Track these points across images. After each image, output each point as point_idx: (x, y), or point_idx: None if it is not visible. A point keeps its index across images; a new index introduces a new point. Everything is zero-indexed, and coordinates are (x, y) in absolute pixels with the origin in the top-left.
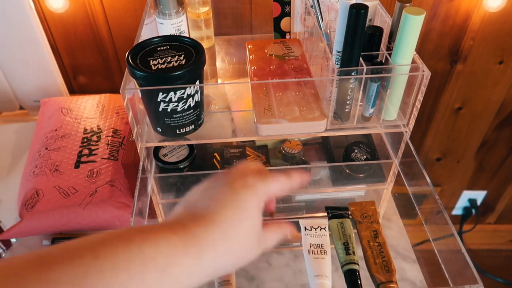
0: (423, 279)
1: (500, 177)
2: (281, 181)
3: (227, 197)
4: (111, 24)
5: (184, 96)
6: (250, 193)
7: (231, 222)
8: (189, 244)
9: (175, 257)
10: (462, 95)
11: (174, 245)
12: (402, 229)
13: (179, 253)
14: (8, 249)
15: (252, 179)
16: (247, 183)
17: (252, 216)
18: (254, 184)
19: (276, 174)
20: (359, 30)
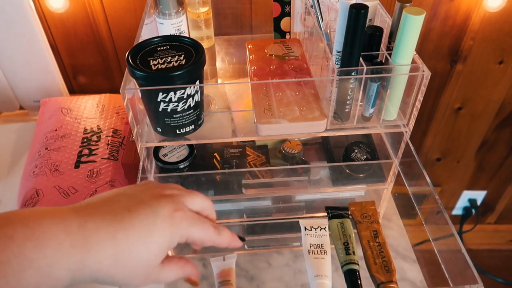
0: (423, 279)
1: (500, 177)
2: (208, 231)
3: (144, 219)
4: (111, 24)
5: (184, 96)
6: (167, 229)
7: (129, 242)
8: (76, 245)
9: (58, 260)
10: (462, 95)
11: (60, 245)
12: (402, 229)
13: (64, 255)
14: None
15: (181, 213)
16: (174, 214)
17: (154, 251)
18: (179, 220)
19: (206, 222)
20: (359, 30)
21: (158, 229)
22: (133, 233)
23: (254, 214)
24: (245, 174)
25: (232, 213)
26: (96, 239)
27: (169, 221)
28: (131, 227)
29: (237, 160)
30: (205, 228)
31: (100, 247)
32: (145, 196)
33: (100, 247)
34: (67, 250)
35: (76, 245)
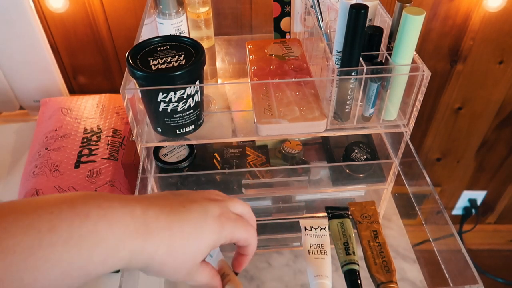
0: (423, 279)
1: (500, 177)
2: (250, 231)
3: (196, 216)
4: (111, 24)
5: (184, 96)
6: (215, 228)
7: (183, 235)
8: (139, 229)
9: (124, 240)
10: (462, 95)
11: (126, 228)
12: (402, 229)
13: (129, 237)
14: None
15: (226, 215)
16: (222, 215)
17: (201, 249)
18: (226, 220)
19: (248, 223)
20: (359, 30)
21: (208, 226)
22: (187, 226)
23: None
24: (245, 174)
25: None
26: (155, 227)
27: (217, 220)
28: (185, 220)
29: (237, 160)
30: (248, 228)
31: (158, 234)
32: (197, 197)
33: (158, 234)
34: (131, 233)
35: (139, 230)
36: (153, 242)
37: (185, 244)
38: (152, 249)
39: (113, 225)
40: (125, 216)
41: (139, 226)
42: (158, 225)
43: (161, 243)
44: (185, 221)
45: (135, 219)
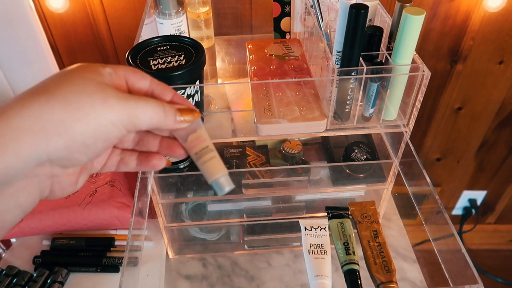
0: (423, 279)
1: (500, 177)
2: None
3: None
4: (111, 24)
5: (184, 96)
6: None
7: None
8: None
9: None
10: (462, 95)
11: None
12: (402, 229)
13: None
14: (8, 249)
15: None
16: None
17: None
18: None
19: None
20: (359, 30)
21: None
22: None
23: (254, 214)
24: (245, 174)
25: (232, 213)
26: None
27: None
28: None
29: (237, 160)
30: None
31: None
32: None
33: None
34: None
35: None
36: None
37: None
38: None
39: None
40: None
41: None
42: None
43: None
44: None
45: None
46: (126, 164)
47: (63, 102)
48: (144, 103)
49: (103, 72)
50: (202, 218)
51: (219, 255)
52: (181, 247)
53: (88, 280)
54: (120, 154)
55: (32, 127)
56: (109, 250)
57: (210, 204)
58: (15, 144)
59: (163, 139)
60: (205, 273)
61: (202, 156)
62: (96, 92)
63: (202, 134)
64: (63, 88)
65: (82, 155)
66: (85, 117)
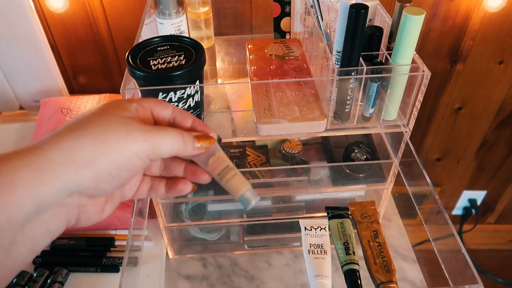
0: (423, 279)
1: (500, 177)
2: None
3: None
4: (111, 24)
5: (184, 96)
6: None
7: (83, 117)
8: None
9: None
10: (462, 95)
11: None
12: (402, 229)
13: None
14: None
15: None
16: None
17: (109, 107)
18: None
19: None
20: (359, 30)
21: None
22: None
23: (254, 214)
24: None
25: (232, 213)
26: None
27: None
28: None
29: (237, 160)
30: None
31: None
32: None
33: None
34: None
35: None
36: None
37: (83, 118)
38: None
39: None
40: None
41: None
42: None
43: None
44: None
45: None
46: (156, 191)
47: (92, 137)
48: (165, 133)
49: (129, 107)
50: (202, 218)
51: (219, 255)
52: (181, 247)
53: (88, 280)
54: (150, 182)
55: (64, 160)
56: (109, 250)
57: (210, 204)
58: (50, 176)
59: (188, 166)
60: (205, 273)
61: (225, 176)
62: (120, 127)
63: (221, 155)
64: (93, 125)
65: (107, 184)
66: (111, 150)
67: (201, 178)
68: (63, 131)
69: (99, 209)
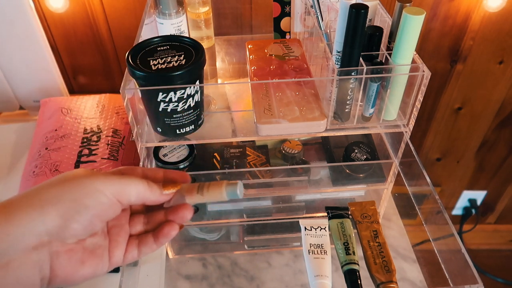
0: (423, 279)
1: (500, 177)
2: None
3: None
4: (111, 24)
5: (184, 96)
6: (85, 173)
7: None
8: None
9: None
10: (462, 95)
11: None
12: (402, 229)
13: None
14: None
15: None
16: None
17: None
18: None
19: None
20: (359, 30)
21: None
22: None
23: (254, 214)
24: (245, 174)
25: (232, 213)
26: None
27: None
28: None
29: (237, 160)
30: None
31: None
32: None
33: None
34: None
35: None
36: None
37: (47, 185)
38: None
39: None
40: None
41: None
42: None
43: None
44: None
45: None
46: (145, 244)
47: (58, 181)
48: (131, 179)
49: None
50: (202, 218)
51: (219, 255)
52: (181, 247)
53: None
54: (137, 238)
55: (31, 202)
56: None
57: (210, 204)
58: (15, 216)
59: (168, 209)
60: (205, 273)
61: (202, 189)
62: (87, 172)
63: (190, 184)
64: (59, 177)
65: (76, 223)
66: (75, 188)
67: (183, 211)
68: (30, 189)
69: (76, 260)
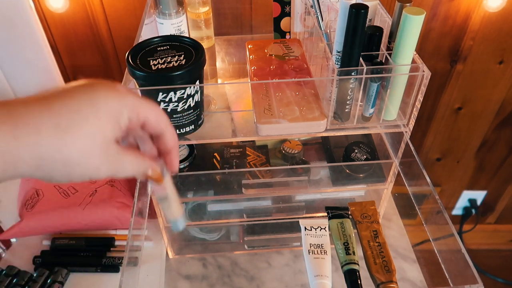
0: (423, 279)
1: (500, 177)
2: (161, 113)
3: (80, 90)
4: (111, 24)
5: (184, 96)
6: (113, 95)
7: (72, 113)
8: (2, 120)
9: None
10: (462, 95)
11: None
12: (402, 229)
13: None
14: (8, 249)
15: (123, 88)
16: (115, 87)
17: (103, 119)
18: (124, 92)
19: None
20: (359, 30)
21: (99, 92)
22: (72, 99)
23: (254, 214)
24: (245, 174)
25: (232, 213)
26: (25, 110)
27: (112, 89)
28: (67, 94)
29: (237, 160)
30: (155, 106)
31: (33, 116)
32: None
33: (32, 115)
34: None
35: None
36: (29, 127)
37: (78, 118)
38: (31, 135)
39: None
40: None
41: (2, 118)
42: (29, 107)
43: (42, 124)
44: (68, 94)
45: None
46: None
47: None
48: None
49: (121, 119)
50: (202, 218)
51: (219, 255)
52: (181, 247)
53: (88, 280)
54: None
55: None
56: (109, 250)
57: (210, 204)
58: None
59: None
60: (205, 273)
61: (167, 199)
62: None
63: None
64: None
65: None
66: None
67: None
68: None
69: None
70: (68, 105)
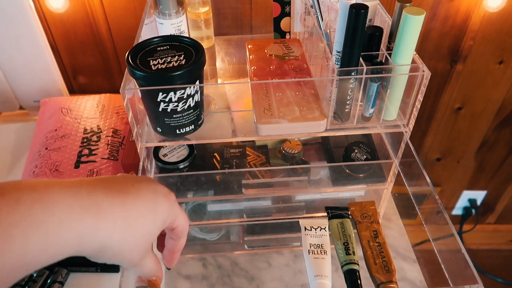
0: (423, 279)
1: (500, 177)
2: (187, 222)
3: (147, 194)
4: (111, 24)
5: (184, 96)
6: (166, 204)
7: (138, 215)
8: (88, 208)
9: (68, 222)
10: (462, 95)
11: (69, 208)
12: (402, 229)
13: (75, 218)
14: None
15: (173, 197)
16: (169, 195)
17: (157, 224)
18: (174, 200)
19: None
20: (359, 30)
21: (160, 202)
22: (141, 202)
23: (254, 214)
24: (245, 174)
25: (232, 213)
26: (108, 204)
27: (167, 198)
28: (138, 196)
29: (237, 160)
30: (186, 218)
31: (113, 212)
32: (141, 179)
33: (113, 211)
34: (78, 212)
35: (89, 209)
36: (108, 220)
37: (142, 220)
38: (108, 227)
39: (51, 207)
40: (66, 197)
41: (88, 206)
42: (110, 202)
43: (118, 219)
44: (138, 197)
45: (80, 199)
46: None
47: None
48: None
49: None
50: (202, 218)
51: (219, 255)
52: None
53: (88, 280)
54: None
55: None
56: None
57: (210, 204)
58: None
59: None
60: (205, 273)
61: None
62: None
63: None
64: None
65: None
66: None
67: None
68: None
69: None
70: (137, 207)
